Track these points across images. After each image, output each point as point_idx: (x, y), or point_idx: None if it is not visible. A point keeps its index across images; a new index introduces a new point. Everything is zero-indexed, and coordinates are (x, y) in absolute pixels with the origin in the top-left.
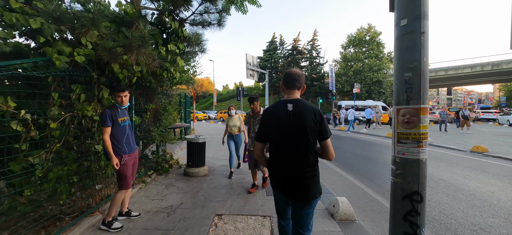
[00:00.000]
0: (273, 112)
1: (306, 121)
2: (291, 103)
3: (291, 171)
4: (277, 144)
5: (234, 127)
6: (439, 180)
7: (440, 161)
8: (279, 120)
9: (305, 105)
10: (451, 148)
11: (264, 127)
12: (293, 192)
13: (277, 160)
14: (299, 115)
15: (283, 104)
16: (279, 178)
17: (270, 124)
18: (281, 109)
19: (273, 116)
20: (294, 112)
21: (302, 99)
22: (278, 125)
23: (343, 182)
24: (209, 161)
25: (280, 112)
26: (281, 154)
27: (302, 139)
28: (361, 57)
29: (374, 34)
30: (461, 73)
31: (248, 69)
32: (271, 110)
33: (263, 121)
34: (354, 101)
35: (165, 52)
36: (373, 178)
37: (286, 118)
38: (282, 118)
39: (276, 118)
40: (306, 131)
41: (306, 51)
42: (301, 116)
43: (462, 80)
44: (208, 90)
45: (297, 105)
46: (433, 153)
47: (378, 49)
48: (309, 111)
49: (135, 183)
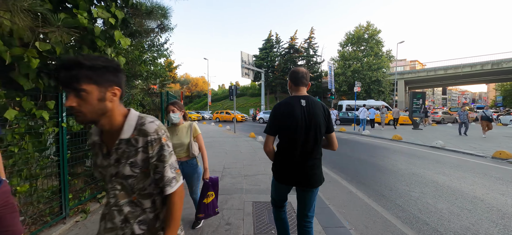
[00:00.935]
0: (287, 107)
1: (318, 116)
2: (303, 99)
3: (304, 162)
4: (291, 137)
5: (179, 148)
6: (475, 199)
7: (463, 171)
8: (294, 115)
9: (315, 101)
10: (468, 153)
11: (276, 121)
12: (305, 181)
13: (290, 152)
14: (312, 111)
15: (297, 99)
16: (291, 169)
17: (284, 118)
18: (295, 104)
19: (287, 110)
20: (308, 108)
21: (310, 95)
22: (293, 119)
23: (354, 203)
24: None
25: (294, 107)
26: (295, 146)
27: (315, 132)
28: (359, 56)
29: (374, 32)
30: (460, 72)
31: (243, 67)
32: (284, 105)
33: (275, 115)
34: (355, 101)
35: (86, 19)
36: (391, 197)
37: (301, 113)
38: (297, 113)
39: (290, 112)
40: (319, 125)
41: (303, 50)
42: (314, 112)
43: (460, 79)
44: (203, 89)
45: (309, 101)
46: (450, 160)
47: (377, 47)
48: (319, 107)
49: (69, 216)
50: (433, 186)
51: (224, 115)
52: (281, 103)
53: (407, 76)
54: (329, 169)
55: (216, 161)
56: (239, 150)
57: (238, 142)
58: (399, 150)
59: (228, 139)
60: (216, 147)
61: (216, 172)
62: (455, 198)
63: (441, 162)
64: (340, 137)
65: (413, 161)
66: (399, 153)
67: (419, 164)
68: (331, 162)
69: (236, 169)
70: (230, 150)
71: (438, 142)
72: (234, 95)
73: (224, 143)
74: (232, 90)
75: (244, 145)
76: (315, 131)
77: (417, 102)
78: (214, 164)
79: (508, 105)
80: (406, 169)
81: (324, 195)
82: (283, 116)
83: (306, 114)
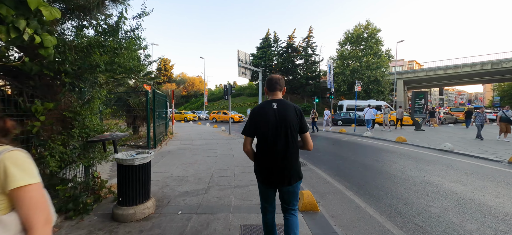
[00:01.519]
0: (260, 111)
1: (290, 117)
2: (275, 103)
3: (280, 159)
4: (266, 137)
5: None
6: (507, 217)
7: (482, 178)
8: (266, 117)
9: (287, 103)
10: (481, 158)
11: (252, 123)
12: (285, 177)
13: (266, 151)
14: (284, 112)
15: (269, 103)
16: (269, 169)
17: (259, 120)
18: (267, 107)
19: (260, 113)
20: (279, 110)
21: (284, 99)
22: (266, 121)
23: (365, 223)
24: (167, 184)
25: (267, 110)
26: (270, 145)
27: (286, 132)
28: (359, 55)
29: (373, 31)
30: (460, 72)
31: (240, 66)
32: (258, 109)
33: (251, 117)
34: (355, 101)
35: None
36: (408, 214)
37: (273, 115)
38: (269, 115)
39: (263, 115)
40: (290, 125)
41: (301, 49)
42: (285, 113)
43: (459, 79)
44: (200, 89)
45: (281, 104)
46: (463, 165)
47: (376, 47)
48: (291, 109)
49: None
50: (454, 199)
51: (221, 115)
52: (256, 107)
53: (406, 76)
54: (331, 177)
55: (205, 167)
56: (232, 154)
57: (232, 145)
58: (405, 153)
59: (222, 141)
60: (207, 151)
61: (202, 181)
62: (483, 216)
63: (454, 168)
64: (341, 139)
65: (423, 166)
66: (406, 157)
67: (431, 170)
68: (334, 167)
69: (226, 178)
70: (222, 154)
71: (446, 145)
72: (229, 95)
73: (216, 146)
74: (227, 89)
75: (238, 148)
76: (286, 131)
77: (419, 102)
78: (201, 172)
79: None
80: (418, 177)
81: (329, 212)
82: (257, 118)
83: (278, 116)
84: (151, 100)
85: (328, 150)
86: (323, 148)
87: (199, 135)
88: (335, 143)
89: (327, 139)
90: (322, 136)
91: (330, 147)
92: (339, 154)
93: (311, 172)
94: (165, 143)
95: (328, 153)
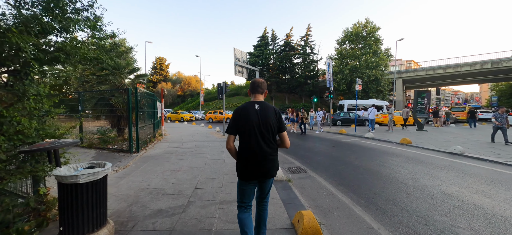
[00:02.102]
0: (244, 111)
1: (270, 118)
2: (257, 104)
3: (263, 155)
4: (249, 136)
5: None
6: None
7: (506, 189)
8: (249, 117)
9: (268, 105)
10: (496, 162)
11: (235, 122)
12: (265, 172)
13: (248, 148)
14: (265, 113)
15: (252, 104)
16: (253, 165)
17: (241, 120)
18: (250, 108)
19: (243, 114)
20: (261, 111)
21: (264, 101)
22: (248, 121)
23: None
24: (139, 199)
25: (249, 111)
26: (252, 143)
27: (267, 131)
28: (357, 54)
29: (373, 29)
30: (460, 71)
31: (236, 65)
32: (241, 110)
33: (234, 117)
34: (356, 100)
35: None
36: None
37: (255, 115)
38: (252, 115)
39: (246, 115)
40: (270, 124)
41: (299, 47)
42: (266, 114)
43: (459, 78)
44: (196, 88)
45: (262, 106)
46: (479, 171)
47: (375, 45)
48: (271, 110)
49: None
50: (482, 216)
51: (217, 115)
52: (239, 107)
53: (405, 75)
54: (335, 187)
55: (189, 176)
56: (223, 158)
57: (225, 148)
58: (413, 157)
59: (214, 144)
60: (196, 155)
61: (182, 195)
62: None
63: (470, 175)
64: (342, 141)
65: (435, 173)
66: (415, 161)
67: (445, 178)
68: (336, 174)
69: (212, 190)
70: (211, 159)
71: (456, 148)
72: (223, 94)
73: (207, 149)
74: (221, 88)
75: None
76: (267, 130)
77: (421, 101)
78: (184, 182)
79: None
80: (433, 186)
81: None
82: (240, 118)
83: (259, 116)
84: (135, 99)
85: (329, 153)
86: (324, 151)
87: (191, 136)
88: (336, 145)
89: (327, 140)
90: (321, 137)
91: (331, 149)
92: (341, 158)
93: (311, 180)
94: (151, 146)
95: (329, 157)
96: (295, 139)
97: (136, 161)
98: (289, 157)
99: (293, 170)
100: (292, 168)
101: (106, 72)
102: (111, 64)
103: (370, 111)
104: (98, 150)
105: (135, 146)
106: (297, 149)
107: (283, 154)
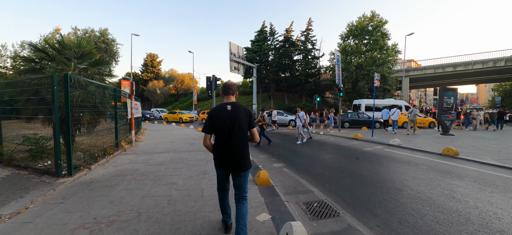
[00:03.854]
0: (217, 112)
1: (241, 116)
2: (229, 105)
3: (233, 150)
4: (222, 133)
5: None
6: None
7: None
8: (222, 117)
9: (239, 105)
10: None
11: (210, 122)
12: (235, 166)
13: (222, 144)
14: (236, 113)
15: (224, 105)
16: (225, 157)
17: (215, 119)
18: (223, 109)
19: (217, 114)
20: (232, 111)
21: (236, 102)
22: (222, 120)
23: None
24: None
25: (222, 111)
26: (226, 139)
27: (238, 129)
28: (363, 49)
29: (379, 23)
30: (470, 70)
31: (232, 61)
32: (215, 111)
33: (209, 117)
34: (373, 99)
35: None
36: None
37: (227, 115)
38: (224, 115)
39: (219, 115)
40: (241, 122)
41: (300, 43)
42: (237, 113)
43: (468, 77)
44: (190, 87)
45: (234, 106)
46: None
47: (382, 41)
48: (242, 109)
49: None
50: None
51: None
52: (213, 109)
53: (412, 73)
54: None
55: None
56: (202, 187)
57: (209, 163)
58: (491, 181)
59: (196, 156)
60: (162, 179)
61: None
62: None
63: None
64: (363, 150)
65: None
66: (502, 189)
67: None
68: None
69: None
70: (182, 190)
71: None
72: (213, 90)
73: (183, 166)
74: (211, 83)
75: None
76: (238, 128)
77: (448, 100)
78: None
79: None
80: None
81: None
82: (214, 118)
83: (231, 116)
84: (66, 92)
85: (355, 171)
86: (347, 167)
87: (171, 143)
88: (358, 157)
89: (343, 149)
90: (335, 144)
91: (354, 165)
92: (375, 180)
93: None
94: (105, 161)
95: (360, 179)
96: (302, 148)
97: (54, 194)
98: (302, 180)
99: (315, 209)
100: (312, 205)
101: (41, 56)
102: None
103: (394, 112)
104: (15, 169)
105: (66, 166)
106: (310, 164)
107: (292, 173)
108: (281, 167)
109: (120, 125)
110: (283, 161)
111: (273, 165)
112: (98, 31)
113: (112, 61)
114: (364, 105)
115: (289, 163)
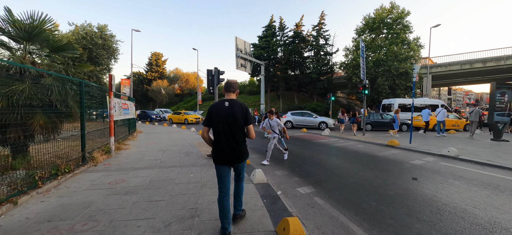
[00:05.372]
0: (216, 108)
1: (236, 113)
2: (227, 102)
3: (231, 143)
4: (221, 128)
5: None
6: None
7: None
8: (220, 112)
9: (236, 103)
10: None
11: (209, 116)
12: (234, 157)
13: (220, 138)
14: (232, 109)
15: (223, 102)
16: (223, 151)
17: (214, 114)
18: (221, 105)
19: (215, 110)
20: (229, 107)
21: (235, 99)
22: (220, 116)
23: None
24: None
25: (220, 108)
26: (223, 133)
27: (234, 124)
28: (382, 44)
29: (400, 14)
30: (503, 66)
31: (238, 57)
32: (214, 106)
33: (208, 112)
34: (412, 97)
35: None
36: None
37: (224, 111)
38: (222, 111)
39: (218, 111)
40: (237, 118)
41: (312, 38)
42: (233, 110)
43: (499, 74)
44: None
45: (231, 103)
46: None
47: (404, 33)
48: (238, 106)
49: None
50: None
51: None
52: (213, 105)
53: (435, 70)
54: None
55: None
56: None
57: (204, 189)
58: None
59: (189, 174)
60: (119, 230)
61: None
62: None
63: None
64: (410, 162)
65: None
66: None
67: None
68: None
69: None
70: None
71: None
72: (216, 86)
73: (162, 199)
74: (212, 77)
75: (213, 193)
76: (234, 123)
77: (501, 98)
78: None
79: None
80: None
81: None
82: (213, 113)
83: (228, 112)
84: None
85: (423, 202)
86: (406, 193)
87: (161, 152)
88: (414, 175)
89: (384, 162)
90: (368, 154)
91: (417, 190)
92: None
93: None
94: (53, 185)
95: (435, 213)
96: (329, 159)
97: None
98: (352, 224)
99: None
100: None
101: None
102: None
103: (439, 112)
104: None
105: None
106: (351, 189)
107: (330, 207)
108: (311, 195)
109: (94, 130)
110: (310, 182)
111: (298, 191)
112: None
113: (111, 59)
114: (397, 105)
115: (320, 187)
